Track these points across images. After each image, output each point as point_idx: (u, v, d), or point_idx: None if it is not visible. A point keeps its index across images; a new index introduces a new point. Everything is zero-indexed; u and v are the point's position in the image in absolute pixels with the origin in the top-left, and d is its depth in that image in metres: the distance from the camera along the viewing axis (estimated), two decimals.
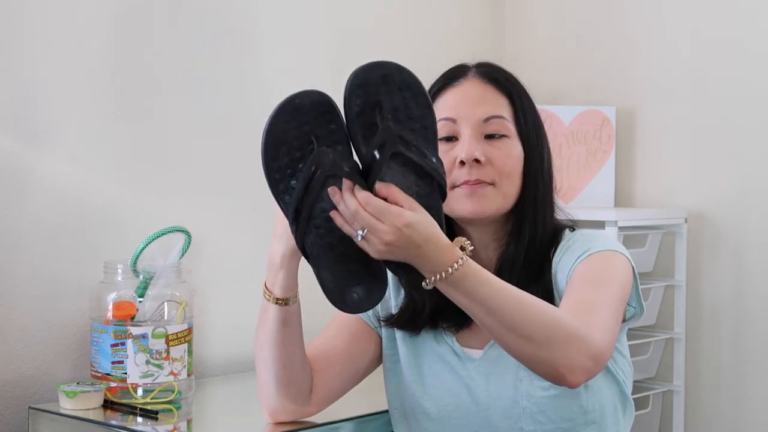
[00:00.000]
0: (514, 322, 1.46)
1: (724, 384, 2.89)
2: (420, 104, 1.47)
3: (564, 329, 1.47)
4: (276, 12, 2.66)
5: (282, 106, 1.44)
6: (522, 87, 1.75)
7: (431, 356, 1.72)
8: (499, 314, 1.46)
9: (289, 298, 1.65)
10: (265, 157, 1.44)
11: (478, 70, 1.75)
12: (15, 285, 2.20)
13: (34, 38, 2.23)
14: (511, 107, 1.71)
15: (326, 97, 1.45)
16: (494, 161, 1.67)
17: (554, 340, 1.46)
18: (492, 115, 1.69)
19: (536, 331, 1.46)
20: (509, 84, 1.73)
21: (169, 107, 2.45)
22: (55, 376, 2.24)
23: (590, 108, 3.01)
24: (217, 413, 2.28)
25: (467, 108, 1.68)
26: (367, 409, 2.06)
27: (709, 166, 2.91)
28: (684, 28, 2.95)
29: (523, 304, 1.47)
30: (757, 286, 2.83)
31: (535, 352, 1.47)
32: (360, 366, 1.79)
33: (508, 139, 1.69)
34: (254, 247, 2.57)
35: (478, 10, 3.19)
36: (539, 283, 1.67)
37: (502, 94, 1.72)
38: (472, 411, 1.67)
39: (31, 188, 2.22)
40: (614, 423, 1.71)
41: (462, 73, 1.75)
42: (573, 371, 1.48)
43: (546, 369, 1.49)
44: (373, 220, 1.39)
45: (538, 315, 1.47)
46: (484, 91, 1.72)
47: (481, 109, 1.69)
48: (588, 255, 1.64)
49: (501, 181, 1.67)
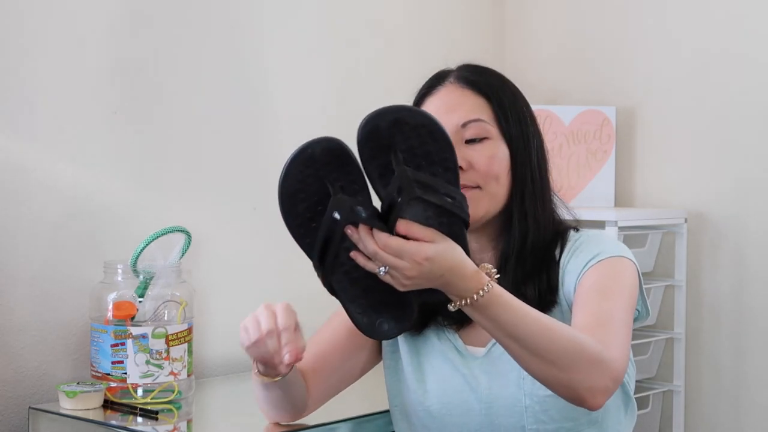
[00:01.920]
0: (538, 348, 1.47)
1: (724, 384, 2.89)
2: (436, 139, 1.46)
3: (587, 354, 1.49)
4: (277, 12, 2.66)
5: (295, 156, 1.45)
6: (505, 86, 1.74)
7: (433, 353, 1.72)
8: (522, 340, 1.47)
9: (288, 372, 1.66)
10: (283, 206, 1.46)
11: (457, 74, 1.74)
12: (15, 285, 2.19)
13: (34, 38, 2.22)
14: (490, 108, 1.71)
15: (338, 142, 1.45)
16: (476, 165, 1.66)
17: (577, 365, 1.48)
18: (468, 120, 1.69)
19: (560, 356, 1.47)
20: (487, 86, 1.72)
21: (169, 107, 2.45)
22: (55, 376, 2.24)
23: (590, 108, 3.00)
24: (217, 413, 2.28)
25: (444, 116, 1.66)
26: (366, 409, 2.06)
27: (709, 166, 2.91)
28: (684, 28, 2.95)
29: (547, 330, 1.48)
30: (757, 285, 2.83)
31: (558, 376, 1.48)
32: (356, 366, 1.79)
33: (490, 141, 1.69)
34: (254, 247, 2.58)
35: (478, 11, 3.19)
36: (538, 281, 1.67)
37: (480, 96, 1.71)
38: (474, 409, 1.67)
39: (31, 188, 2.22)
40: (616, 423, 1.71)
41: (441, 80, 1.75)
42: (594, 394, 1.50)
43: (568, 392, 1.50)
44: (393, 259, 1.40)
45: (561, 340, 1.48)
46: (461, 96, 1.71)
47: (457, 114, 1.69)
48: (597, 262, 1.65)
49: (487, 184, 1.67)
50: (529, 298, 1.64)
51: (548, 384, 1.51)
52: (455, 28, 3.10)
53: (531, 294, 1.66)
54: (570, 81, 3.14)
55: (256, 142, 2.61)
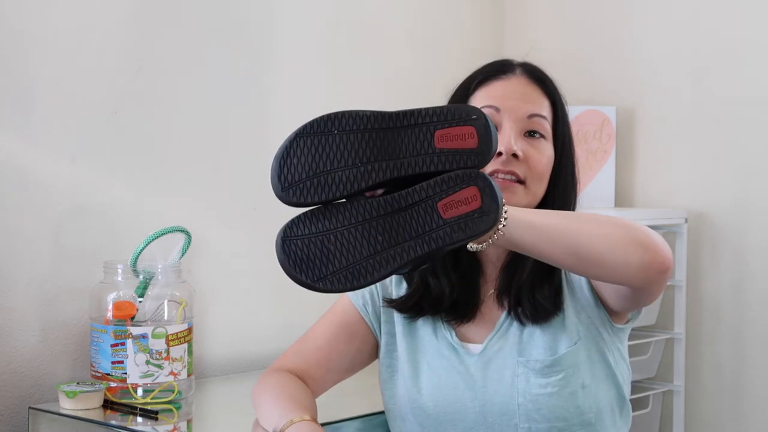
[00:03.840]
0: (584, 231, 1.44)
1: (724, 384, 2.89)
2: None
3: (629, 222, 1.46)
4: (277, 13, 2.66)
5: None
6: (562, 95, 1.78)
7: (429, 351, 1.72)
8: (574, 229, 1.44)
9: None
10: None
11: (525, 69, 1.77)
12: (15, 285, 2.20)
13: (34, 38, 2.22)
14: (552, 110, 1.74)
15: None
16: (530, 159, 1.68)
17: (625, 223, 1.45)
18: (536, 113, 1.71)
19: (611, 228, 1.44)
20: (553, 88, 1.76)
21: (169, 107, 2.45)
22: (55, 376, 2.24)
23: (590, 108, 3.01)
24: (217, 413, 2.28)
25: (514, 101, 1.69)
26: (367, 409, 2.06)
27: (709, 166, 2.91)
28: (684, 28, 2.95)
29: (582, 216, 1.47)
30: (757, 286, 2.83)
31: (625, 244, 1.43)
32: (353, 365, 1.79)
33: (545, 140, 1.71)
34: (254, 247, 2.58)
35: (478, 10, 3.19)
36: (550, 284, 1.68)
37: (546, 96, 1.74)
38: (468, 406, 1.67)
39: (31, 188, 2.22)
40: (610, 425, 1.71)
41: (509, 68, 1.76)
42: (659, 250, 1.46)
43: (639, 250, 1.44)
44: None
45: (602, 218, 1.46)
46: (532, 89, 1.74)
47: (527, 105, 1.71)
48: None
49: (532, 181, 1.68)
50: (545, 300, 1.65)
51: (617, 249, 1.44)
52: (455, 28, 3.11)
53: (547, 295, 1.66)
54: (570, 81, 3.11)
55: (256, 142, 2.61)
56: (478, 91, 1.73)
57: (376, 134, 1.33)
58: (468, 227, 1.30)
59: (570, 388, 1.64)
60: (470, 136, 1.32)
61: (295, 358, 1.75)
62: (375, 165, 1.33)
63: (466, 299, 1.71)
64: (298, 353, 1.76)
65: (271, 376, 1.72)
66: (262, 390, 1.70)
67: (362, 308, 1.77)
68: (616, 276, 1.48)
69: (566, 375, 1.64)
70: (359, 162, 1.33)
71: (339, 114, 1.34)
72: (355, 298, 1.78)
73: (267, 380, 1.71)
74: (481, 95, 1.72)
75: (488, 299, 1.72)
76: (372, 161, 1.33)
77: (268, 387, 1.69)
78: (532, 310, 1.66)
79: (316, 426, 1.56)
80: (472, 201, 1.30)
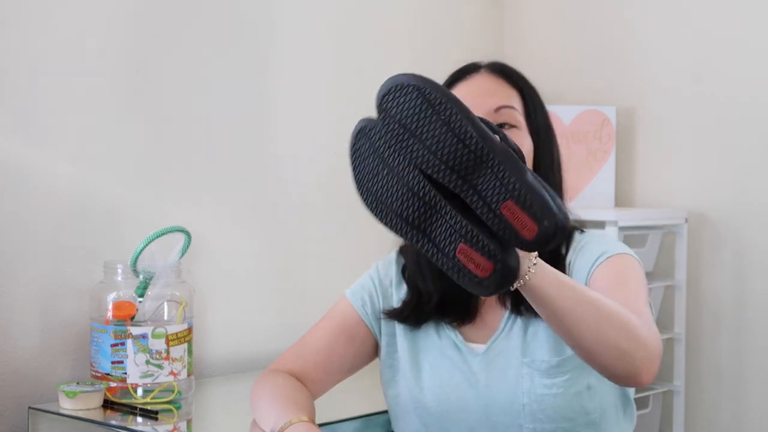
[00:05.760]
0: (601, 309, 1.41)
1: (724, 384, 2.89)
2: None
3: (635, 323, 1.43)
4: (277, 13, 2.66)
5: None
6: (532, 85, 1.78)
7: (432, 350, 1.72)
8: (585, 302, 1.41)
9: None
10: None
11: (489, 67, 1.78)
12: (15, 285, 2.20)
13: (34, 38, 2.23)
14: (521, 100, 1.74)
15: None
16: None
17: (631, 331, 1.42)
18: (503, 105, 1.71)
19: (616, 320, 1.42)
20: (519, 79, 1.76)
21: (169, 107, 2.45)
22: (55, 376, 2.24)
23: (590, 108, 3.01)
24: (217, 413, 2.28)
25: (478, 98, 1.70)
26: (367, 409, 2.06)
27: (709, 166, 2.91)
28: (684, 28, 2.95)
29: (597, 297, 1.44)
30: (757, 286, 2.83)
31: (618, 342, 1.42)
32: (353, 366, 1.79)
33: (518, 131, 1.71)
34: (254, 247, 2.58)
35: (477, 11, 3.19)
36: None
37: (513, 87, 1.75)
38: (471, 406, 1.67)
39: (31, 188, 2.22)
40: (614, 425, 1.71)
41: (473, 69, 1.77)
42: (648, 366, 1.44)
43: (624, 361, 1.43)
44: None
45: (614, 306, 1.44)
46: (496, 83, 1.74)
47: (493, 99, 1.71)
48: (605, 258, 1.64)
49: None
50: None
51: (606, 352, 1.43)
52: (454, 28, 3.11)
53: None
54: (570, 81, 3.14)
55: (257, 142, 2.61)
56: None
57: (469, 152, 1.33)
58: (462, 277, 1.32)
59: (575, 388, 1.64)
60: (530, 229, 1.30)
61: (293, 360, 1.75)
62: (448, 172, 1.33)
63: (464, 301, 1.71)
64: (297, 355, 1.76)
65: (269, 377, 1.72)
66: (260, 391, 1.69)
67: (361, 309, 1.77)
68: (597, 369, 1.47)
69: (572, 376, 1.64)
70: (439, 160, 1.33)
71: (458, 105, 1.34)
72: (354, 299, 1.78)
73: (265, 381, 1.71)
74: None
75: (489, 300, 1.72)
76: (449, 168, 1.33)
77: (266, 388, 1.69)
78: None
79: (314, 427, 1.56)
80: (482, 269, 1.31)
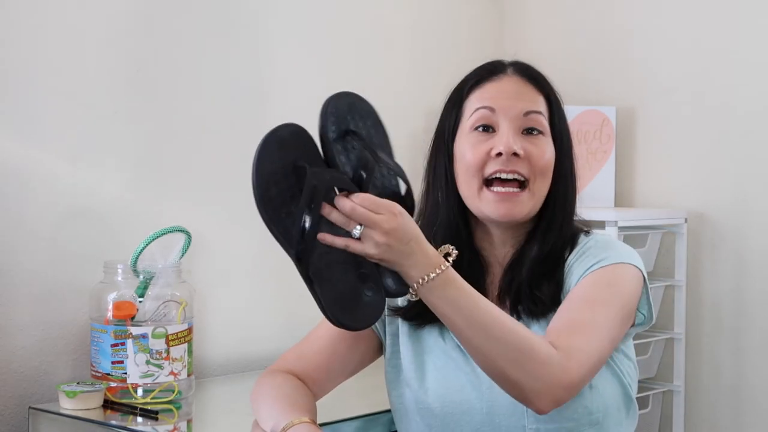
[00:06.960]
0: (489, 337, 1.47)
1: (724, 384, 2.89)
2: (379, 132, 1.56)
3: (535, 355, 1.48)
4: (277, 13, 2.66)
5: (265, 140, 1.54)
6: (556, 90, 1.77)
7: (435, 352, 1.72)
8: (476, 326, 1.47)
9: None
10: (259, 189, 1.52)
11: (516, 67, 1.77)
12: (15, 285, 2.20)
13: (34, 38, 2.22)
14: (547, 106, 1.74)
15: (301, 127, 1.54)
16: (531, 156, 1.68)
17: (524, 363, 1.48)
18: (532, 110, 1.71)
19: (508, 349, 1.48)
20: (546, 84, 1.76)
21: (169, 107, 2.45)
22: (55, 376, 2.24)
23: (590, 108, 3.01)
24: (217, 413, 2.28)
25: (508, 101, 1.70)
26: (367, 409, 2.06)
27: (709, 166, 2.91)
28: (684, 28, 2.95)
29: (500, 321, 1.49)
30: (757, 286, 2.83)
31: (505, 370, 1.48)
32: (355, 367, 1.79)
33: (544, 137, 1.71)
34: (254, 247, 2.58)
35: (477, 11, 3.19)
36: (550, 281, 1.68)
37: (540, 92, 1.74)
38: (475, 407, 1.67)
39: (31, 188, 2.22)
40: (617, 424, 1.71)
41: (500, 69, 1.77)
42: (540, 398, 1.50)
43: (514, 391, 1.51)
44: (369, 213, 1.43)
45: (512, 334, 1.48)
46: (524, 87, 1.73)
47: (522, 103, 1.71)
48: (599, 267, 1.65)
49: (535, 179, 1.68)
50: (543, 296, 1.65)
51: (496, 379, 1.51)
52: (454, 28, 3.11)
53: (545, 293, 1.66)
54: (570, 81, 3.13)
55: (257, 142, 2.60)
56: (472, 93, 1.73)
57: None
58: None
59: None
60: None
61: (295, 360, 1.75)
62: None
63: None
64: (298, 355, 1.76)
65: (270, 377, 1.72)
66: (261, 391, 1.69)
67: None
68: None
69: None
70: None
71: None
72: None
73: (266, 381, 1.71)
74: (475, 97, 1.72)
75: (492, 300, 1.72)
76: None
77: (267, 388, 1.69)
78: (531, 305, 1.66)
79: (315, 428, 1.56)
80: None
